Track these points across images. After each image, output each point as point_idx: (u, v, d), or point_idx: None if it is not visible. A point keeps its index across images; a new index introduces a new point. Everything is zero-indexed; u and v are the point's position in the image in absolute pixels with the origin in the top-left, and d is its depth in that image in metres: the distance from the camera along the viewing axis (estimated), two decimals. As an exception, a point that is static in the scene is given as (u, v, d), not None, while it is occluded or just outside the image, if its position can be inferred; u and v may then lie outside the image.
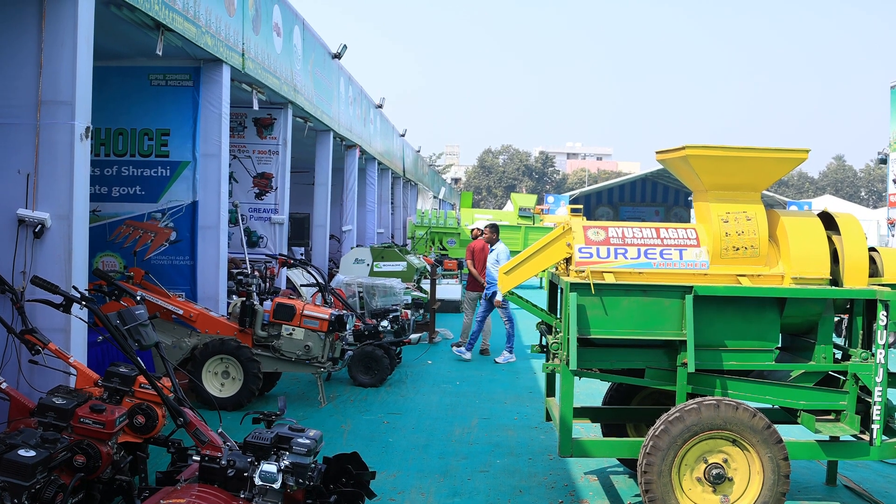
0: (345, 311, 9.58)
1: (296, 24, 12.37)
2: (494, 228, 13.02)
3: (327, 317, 8.95)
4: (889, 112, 19.42)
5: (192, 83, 9.52)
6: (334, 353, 9.18)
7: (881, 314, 5.68)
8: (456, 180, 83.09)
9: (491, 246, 12.81)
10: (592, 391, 8.53)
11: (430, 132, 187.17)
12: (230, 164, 11.39)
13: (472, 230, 14.79)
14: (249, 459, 4.17)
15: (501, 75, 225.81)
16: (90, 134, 6.13)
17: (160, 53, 7.95)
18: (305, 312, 8.98)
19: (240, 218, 12.02)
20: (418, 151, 32.29)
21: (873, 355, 5.76)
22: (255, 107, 11.17)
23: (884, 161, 20.30)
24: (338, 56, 15.34)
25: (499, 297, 12.00)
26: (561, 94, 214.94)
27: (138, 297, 5.29)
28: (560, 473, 6.94)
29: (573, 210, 6.21)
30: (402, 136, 26.50)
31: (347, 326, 9.32)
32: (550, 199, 46.67)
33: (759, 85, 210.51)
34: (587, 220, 6.07)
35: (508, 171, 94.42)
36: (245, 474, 4.13)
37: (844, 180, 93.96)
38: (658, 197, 51.73)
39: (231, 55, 9.50)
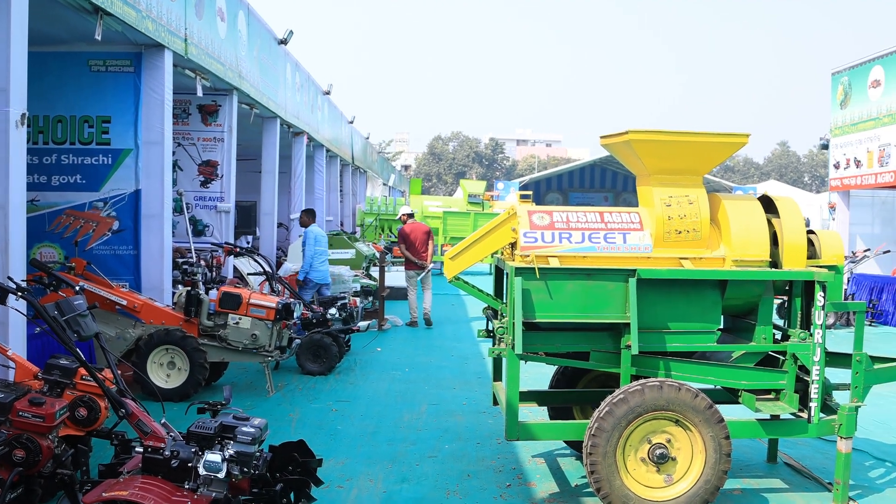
0: (292, 300, 9.53)
1: (240, 8, 12.22)
2: (309, 213, 13.00)
3: (274, 305, 8.89)
4: (830, 99, 19.78)
5: (133, 69, 9.37)
6: (282, 341, 9.12)
7: (819, 295, 5.80)
8: (406, 167, 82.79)
9: (304, 228, 12.77)
10: (540, 375, 8.59)
11: (380, 119, 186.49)
12: (174, 152, 11.27)
13: (400, 216, 15.53)
14: (193, 449, 4.14)
15: (451, 62, 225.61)
16: (26, 121, 6.00)
17: (99, 38, 7.81)
18: (252, 301, 8.90)
19: (185, 206, 11.87)
20: (367, 138, 32.15)
21: (811, 335, 5.87)
22: (200, 93, 11.03)
23: (825, 147, 20.71)
24: (284, 42, 15.19)
25: (300, 277, 12.30)
26: (511, 81, 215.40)
27: (77, 288, 5.18)
28: (508, 457, 6.98)
29: (523, 196, 6.27)
30: (351, 122, 26.36)
31: (295, 315, 9.26)
32: (500, 185, 46.73)
33: (706, 72, 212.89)
34: (536, 205, 6.10)
35: (458, 158, 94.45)
36: (189, 464, 4.09)
37: (788, 166, 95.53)
38: (607, 183, 52.19)
39: (173, 40, 9.36)
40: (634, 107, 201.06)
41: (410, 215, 15.40)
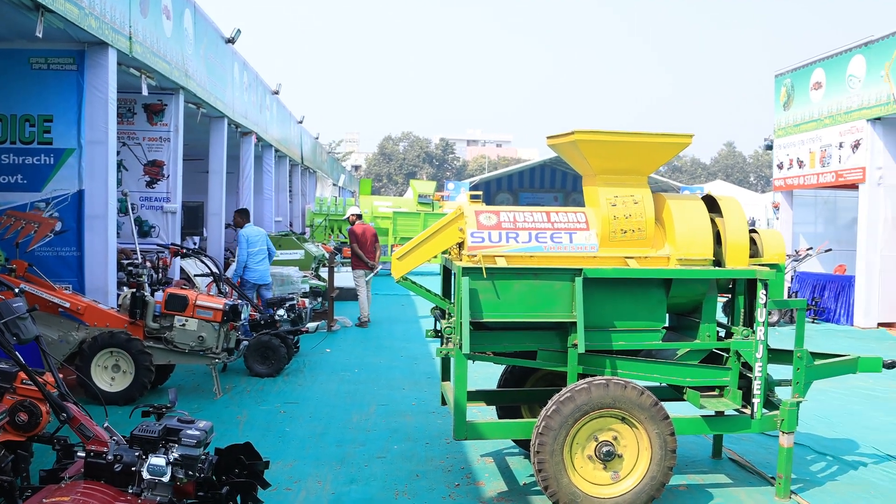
0: (240, 301, 9.45)
1: (186, 7, 12.09)
2: (242, 213, 12.86)
3: (221, 307, 8.81)
4: (774, 101, 20.14)
5: (76, 67, 9.21)
6: (229, 343, 9.05)
7: (761, 293, 5.91)
8: (356, 167, 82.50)
9: (237, 229, 12.65)
10: (489, 375, 8.62)
11: (330, 119, 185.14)
12: (119, 152, 11.12)
13: (349, 216, 15.67)
14: (137, 453, 4.08)
15: (401, 62, 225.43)
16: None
17: (40, 36, 7.68)
18: (199, 303, 8.81)
19: (130, 207, 11.70)
20: (317, 138, 31.99)
21: (754, 333, 5.98)
22: (145, 92, 10.89)
23: (770, 147, 21.09)
24: (231, 41, 15.06)
25: (234, 279, 12.18)
26: (461, 81, 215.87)
27: (17, 290, 5.08)
28: (457, 457, 6.99)
29: (473, 196, 6.28)
30: (300, 122, 26.21)
31: (242, 316, 9.19)
32: (451, 185, 46.87)
33: (654, 74, 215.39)
34: (487, 206, 6.12)
35: (409, 158, 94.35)
36: (133, 469, 4.03)
37: (735, 166, 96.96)
38: (557, 183, 52.56)
39: (117, 38, 9.23)
40: (582, 108, 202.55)
41: (359, 216, 15.54)
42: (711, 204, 6.27)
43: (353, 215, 15.52)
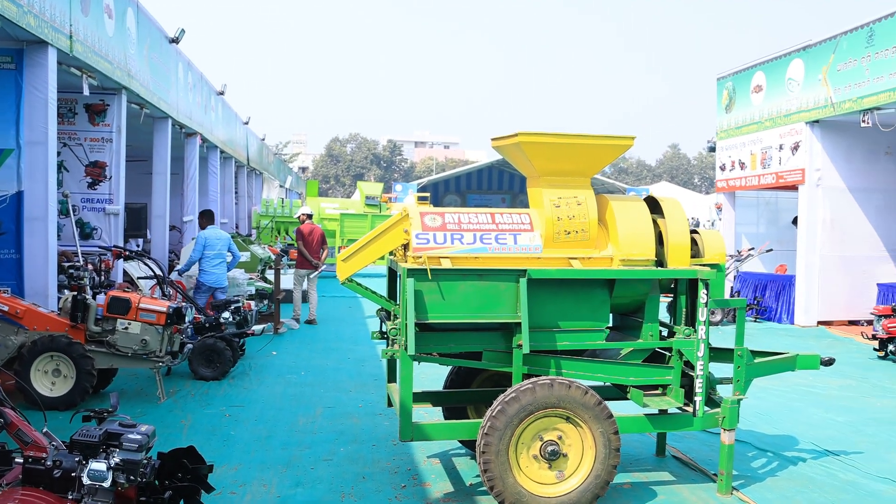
0: (184, 304, 9.34)
1: (129, 6, 11.93)
2: (205, 215, 12.77)
3: (165, 309, 8.70)
4: (716, 103, 20.47)
5: (14, 66, 9.04)
6: (173, 346, 8.94)
7: (702, 292, 6.01)
8: (303, 169, 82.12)
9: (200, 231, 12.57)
10: (436, 376, 8.64)
11: (277, 120, 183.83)
12: (60, 153, 10.93)
13: (299, 215, 15.94)
14: (77, 458, 4.01)
15: (349, 63, 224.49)
16: None
17: (-24, 34, 7.52)
18: (142, 305, 8.69)
19: (71, 209, 11.51)
20: (263, 140, 31.74)
21: (696, 332, 6.07)
22: (86, 92, 10.72)
23: (713, 149, 21.42)
24: (175, 41, 14.89)
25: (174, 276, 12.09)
26: (409, 83, 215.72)
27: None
28: (404, 458, 6.99)
29: (420, 198, 6.28)
30: (246, 123, 25.98)
31: (187, 319, 9.08)
32: (398, 187, 46.89)
33: (602, 75, 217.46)
34: (434, 207, 6.13)
35: (356, 160, 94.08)
36: (72, 474, 3.97)
37: (679, 167, 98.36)
38: (504, 184, 52.75)
39: (57, 37, 9.07)
40: (529, 109, 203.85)
41: (309, 216, 15.69)
42: (653, 205, 6.36)
43: (303, 215, 15.73)
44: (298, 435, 7.66)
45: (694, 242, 6.39)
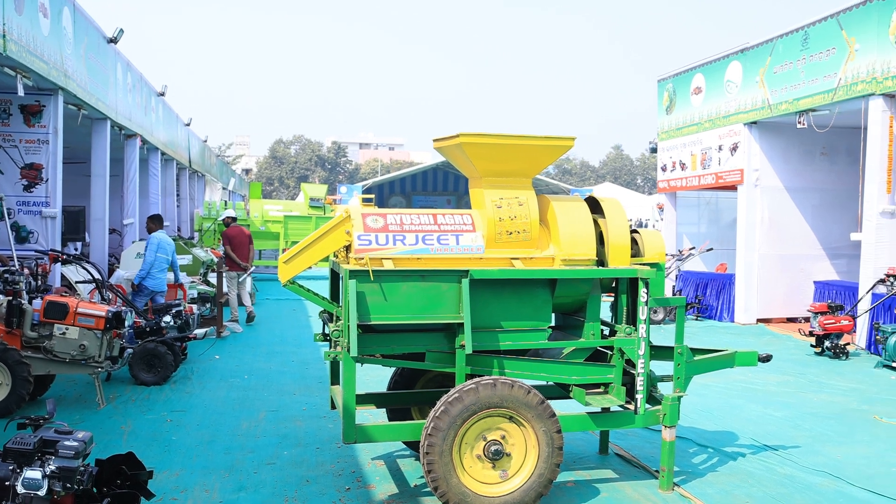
0: (123, 308, 9.20)
1: (65, 5, 11.69)
2: (154, 219, 12.60)
3: (104, 314, 8.55)
4: (657, 105, 20.74)
5: (-56, 66, 8.81)
6: (112, 351, 8.79)
7: (642, 291, 6.08)
8: (247, 171, 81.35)
9: (150, 234, 12.40)
10: (381, 377, 8.61)
11: (219, 122, 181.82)
12: (-7, 155, 10.67)
13: (224, 219, 16.12)
14: (11, 467, 3.94)
15: (292, 64, 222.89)
16: None
17: None
18: (80, 310, 8.53)
19: (6, 212, 11.25)
20: (205, 141, 31.39)
21: (636, 330, 6.14)
22: (21, 93, 10.48)
23: (654, 150, 21.71)
24: (114, 41, 14.64)
25: (135, 281, 11.87)
26: (353, 84, 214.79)
27: None
28: (348, 461, 6.96)
29: (365, 200, 6.26)
30: (188, 125, 25.67)
31: (126, 323, 8.94)
32: (343, 189, 46.69)
33: (547, 77, 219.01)
34: (376, 209, 6.11)
35: (301, 162, 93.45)
36: (6, 483, 3.90)
37: (623, 168, 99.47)
38: (450, 186, 52.80)
39: (-11, 37, 8.86)
40: (475, 110, 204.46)
41: (234, 219, 16.01)
42: (594, 205, 6.42)
43: (228, 218, 15.93)
44: (241, 439, 7.58)
45: (634, 242, 6.47)
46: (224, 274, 14.26)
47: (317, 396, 9.35)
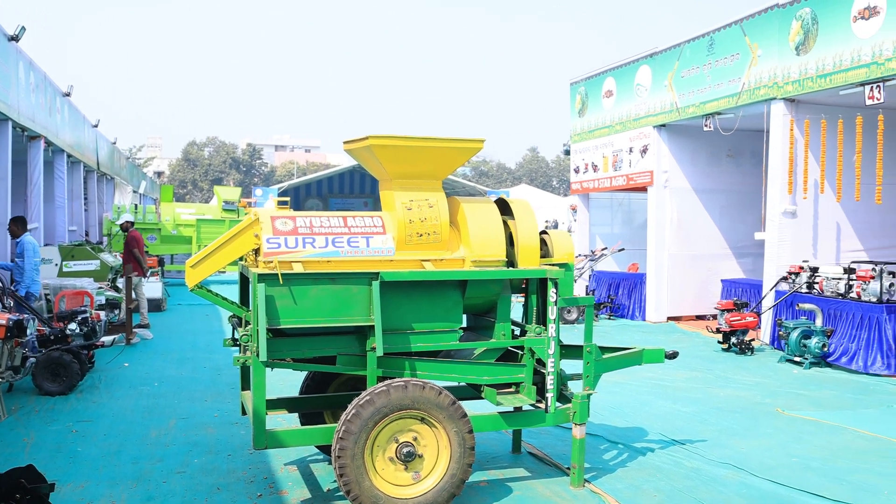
0: (25, 315, 8.91)
1: (-40, 3, 11.29)
2: (18, 222, 12.02)
3: (4, 322, 8.26)
4: (570, 108, 21.04)
5: None
6: (14, 361, 8.50)
7: (552, 291, 6.15)
8: (159, 174, 79.59)
9: (16, 239, 11.91)
10: (294, 382, 8.53)
11: (129, 123, 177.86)
12: None
13: (123, 223, 16.26)
14: None
15: (205, 64, 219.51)
16: None
17: None
18: (-22, 319, 8.23)
19: None
20: (115, 143, 30.64)
21: (546, 330, 6.21)
22: (-87, 93, 10.09)
23: (568, 152, 22.02)
24: (15, 38, 14.18)
25: (21, 292, 11.43)
26: (268, 85, 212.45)
27: None
28: (260, 467, 6.87)
29: (280, 203, 6.20)
30: (96, 126, 25.02)
31: (29, 331, 8.66)
32: (259, 191, 46.13)
33: (464, 81, 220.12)
34: (285, 211, 6.05)
35: (215, 164, 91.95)
36: None
37: (538, 170, 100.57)
38: (367, 188, 52.66)
39: None
40: (391, 113, 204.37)
41: (132, 223, 16.37)
42: (504, 207, 6.47)
43: (127, 222, 16.13)
44: (150, 448, 7.41)
45: (543, 243, 6.55)
46: (133, 279, 13.96)
47: (229, 403, 9.21)
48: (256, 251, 5.86)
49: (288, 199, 6.35)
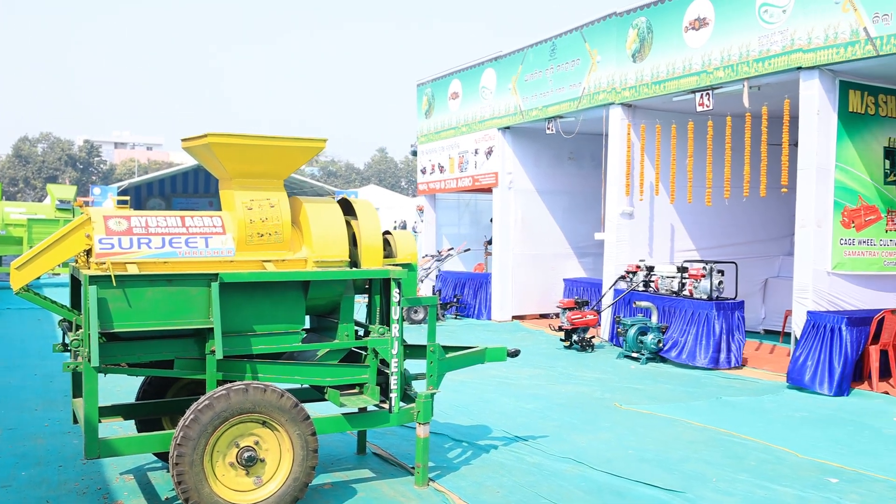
0: None
1: None
2: None
3: None
4: (417, 109, 21.18)
5: None
6: None
7: (395, 292, 6.17)
8: (-13, 171, 75.28)
9: None
10: (132, 388, 8.22)
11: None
12: None
13: None
14: None
15: (37, 56, 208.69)
16: None
17: None
18: None
19: None
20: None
21: (390, 330, 6.22)
22: None
23: (415, 153, 22.17)
24: None
25: None
26: (106, 80, 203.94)
27: None
28: (94, 477, 6.59)
29: (120, 202, 5.96)
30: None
31: None
32: (97, 190, 44.20)
33: (313, 79, 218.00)
34: (119, 210, 5.82)
35: (49, 161, 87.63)
36: None
37: (387, 171, 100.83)
38: (212, 188, 51.28)
39: None
40: (238, 111, 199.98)
41: None
42: (347, 207, 6.45)
43: None
44: (-28, 462, 7.00)
45: (387, 243, 6.56)
46: None
47: (61, 412, 8.79)
48: (88, 252, 5.61)
49: (128, 198, 6.13)
